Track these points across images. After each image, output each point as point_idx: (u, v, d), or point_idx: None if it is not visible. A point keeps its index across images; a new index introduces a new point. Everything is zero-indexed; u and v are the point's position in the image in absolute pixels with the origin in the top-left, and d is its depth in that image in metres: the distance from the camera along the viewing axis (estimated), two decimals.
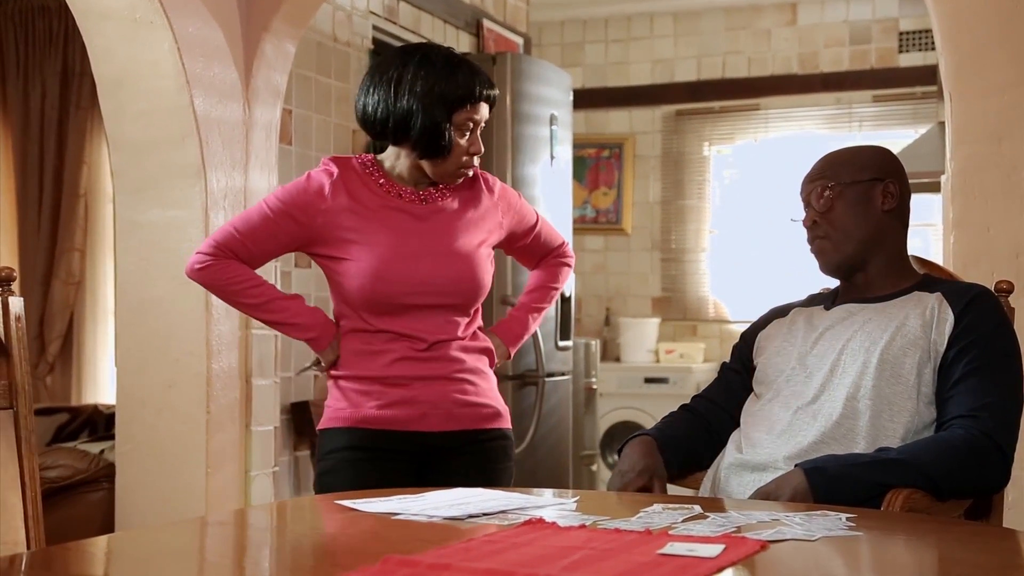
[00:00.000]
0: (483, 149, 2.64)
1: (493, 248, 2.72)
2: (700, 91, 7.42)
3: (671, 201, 7.51)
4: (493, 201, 2.72)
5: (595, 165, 7.65)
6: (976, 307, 2.25)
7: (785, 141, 7.21)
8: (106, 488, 4.07)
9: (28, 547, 2.26)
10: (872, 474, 2.09)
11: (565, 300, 5.18)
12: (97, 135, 5.64)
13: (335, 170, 2.61)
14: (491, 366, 2.72)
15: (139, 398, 3.88)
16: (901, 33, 7.01)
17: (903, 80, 6.95)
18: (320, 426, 2.70)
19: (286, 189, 2.63)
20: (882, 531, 1.83)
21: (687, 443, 2.42)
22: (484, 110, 2.62)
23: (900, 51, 7.00)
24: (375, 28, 5.03)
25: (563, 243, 2.93)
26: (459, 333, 2.63)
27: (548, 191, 5.05)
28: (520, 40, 6.21)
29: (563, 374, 5.21)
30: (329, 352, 2.64)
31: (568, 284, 5.21)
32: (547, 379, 4.94)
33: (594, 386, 6.55)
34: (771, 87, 7.26)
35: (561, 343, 5.14)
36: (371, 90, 2.60)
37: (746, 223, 7.26)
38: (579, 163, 7.19)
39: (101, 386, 5.75)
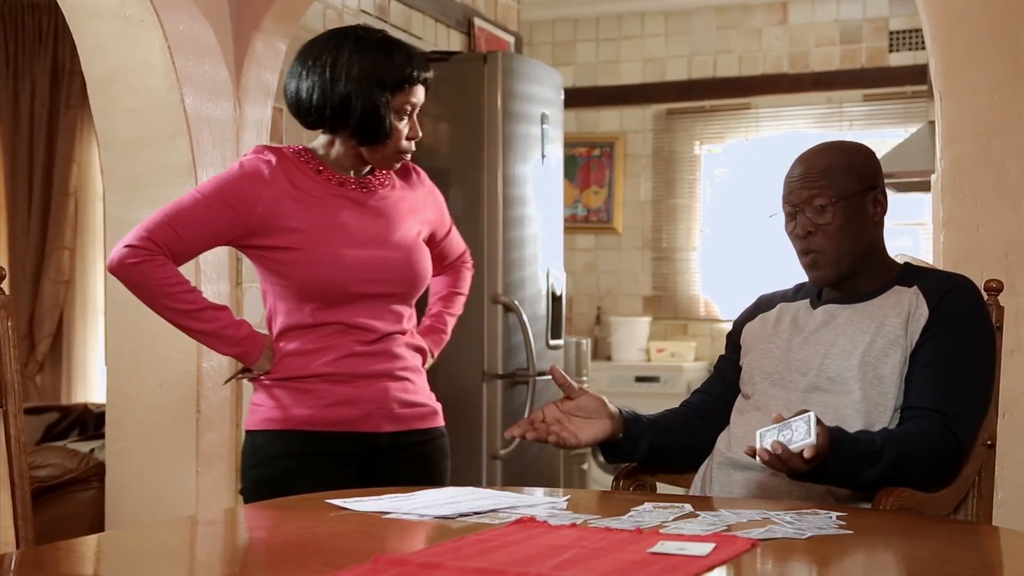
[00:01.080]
0: (420, 133, 2.58)
1: None
2: (691, 90, 7.42)
3: (662, 200, 7.52)
4: (424, 195, 2.68)
5: (586, 164, 7.65)
6: (950, 298, 2.25)
7: (776, 140, 7.21)
8: (96, 487, 4.06)
9: (18, 546, 2.25)
10: (859, 464, 2.08)
11: (556, 299, 5.17)
12: (87, 133, 5.63)
13: (272, 158, 2.51)
14: (423, 365, 2.67)
15: (129, 397, 3.87)
16: (891, 32, 7.02)
17: (893, 79, 6.96)
18: (249, 427, 2.57)
19: (220, 178, 2.51)
20: (872, 530, 1.83)
21: (665, 431, 2.38)
22: (421, 93, 2.54)
23: (890, 50, 7.01)
24: None
25: (466, 250, 2.90)
26: (403, 325, 2.58)
27: (539, 190, 5.05)
28: (511, 39, 6.20)
29: None
30: (264, 362, 2.52)
31: (559, 282, 5.23)
32: (538, 378, 4.93)
33: (585, 385, 6.54)
34: (762, 86, 7.26)
35: (552, 342, 5.14)
36: (304, 75, 2.50)
37: (737, 222, 7.26)
38: (570, 162, 7.20)
39: (91, 385, 5.74)
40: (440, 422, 2.67)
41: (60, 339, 5.74)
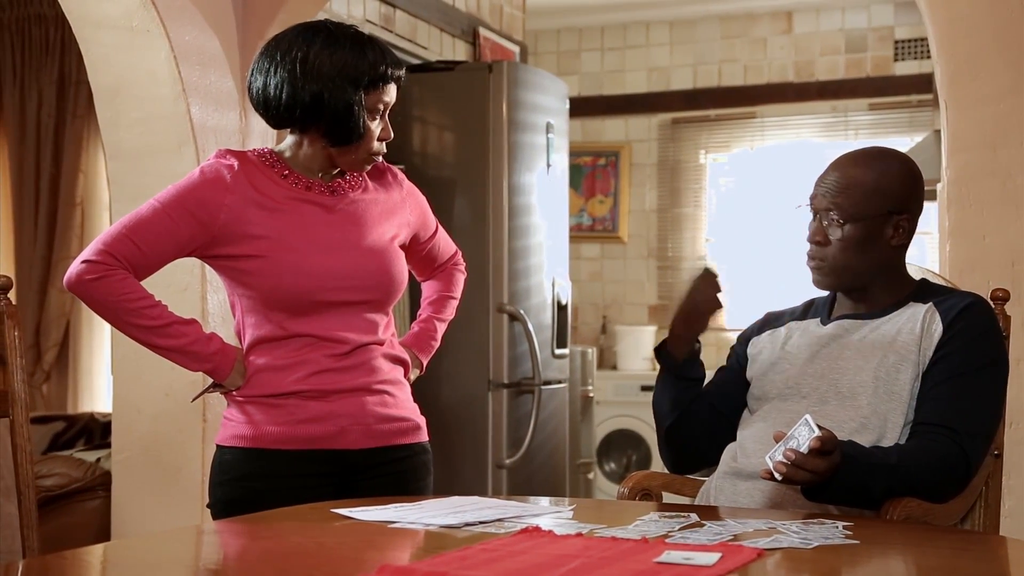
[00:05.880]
0: (392, 134, 2.47)
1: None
2: (696, 99, 7.43)
3: (667, 209, 7.52)
4: (402, 196, 2.54)
5: (591, 173, 7.66)
6: (965, 317, 2.24)
7: (781, 149, 7.22)
8: (102, 496, 4.07)
9: (24, 555, 2.25)
10: (871, 476, 2.08)
11: (562, 308, 5.17)
12: (94, 143, 5.64)
13: (234, 162, 2.38)
14: (405, 376, 2.54)
15: (135, 406, 3.87)
16: (897, 41, 7.03)
17: (899, 88, 6.96)
18: (219, 441, 2.44)
19: (180, 186, 2.37)
20: (878, 540, 1.83)
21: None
22: (393, 91, 2.43)
23: (896, 59, 7.02)
24: None
25: (457, 251, 2.76)
26: (379, 335, 2.45)
27: (544, 199, 5.06)
28: (516, 48, 6.21)
29: (559, 382, 5.21)
30: (236, 377, 2.39)
31: (564, 291, 5.23)
32: (543, 387, 4.94)
33: (591, 394, 6.55)
34: (767, 95, 7.27)
35: (558, 351, 5.14)
36: (272, 71, 2.37)
37: (742, 231, 7.27)
38: (575, 171, 7.20)
39: (97, 394, 5.75)
40: (423, 437, 2.52)
41: (66, 348, 5.75)
